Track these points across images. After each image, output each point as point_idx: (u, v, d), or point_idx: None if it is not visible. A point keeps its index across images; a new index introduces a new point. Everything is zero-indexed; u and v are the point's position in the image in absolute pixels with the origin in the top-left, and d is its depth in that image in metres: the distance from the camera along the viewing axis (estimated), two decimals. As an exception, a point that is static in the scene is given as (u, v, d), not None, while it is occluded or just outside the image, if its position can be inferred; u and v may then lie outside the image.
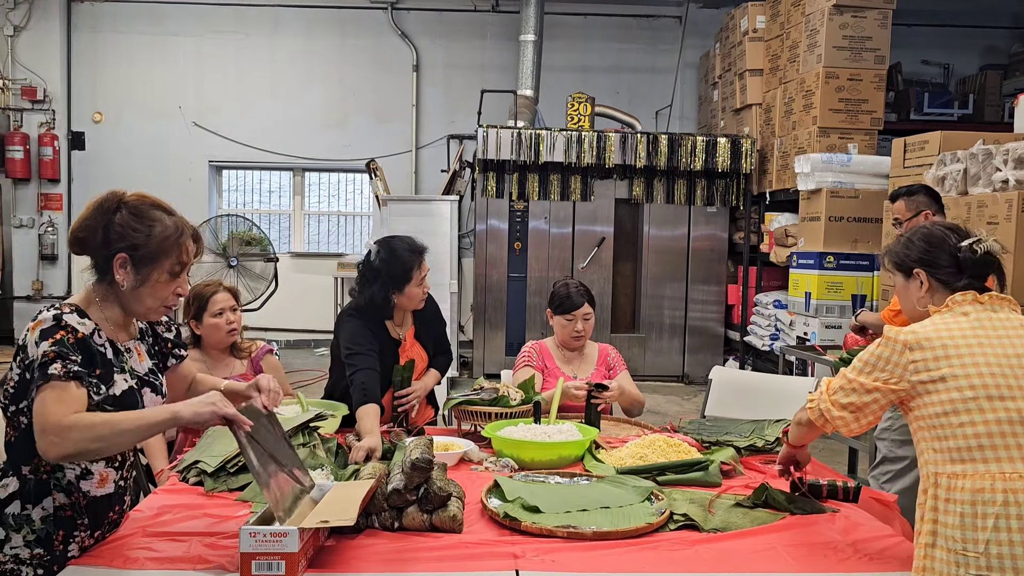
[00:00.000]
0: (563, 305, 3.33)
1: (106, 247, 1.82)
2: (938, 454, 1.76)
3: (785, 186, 7.18)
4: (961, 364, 1.76)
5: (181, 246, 1.86)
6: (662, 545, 1.94)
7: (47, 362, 1.71)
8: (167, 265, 1.85)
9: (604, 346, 3.50)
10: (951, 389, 1.75)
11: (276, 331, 9.22)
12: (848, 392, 1.88)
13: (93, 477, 1.87)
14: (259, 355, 3.19)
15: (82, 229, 1.83)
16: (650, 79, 9.47)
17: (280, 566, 1.66)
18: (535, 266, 7.86)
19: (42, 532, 1.80)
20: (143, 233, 1.81)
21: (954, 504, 1.70)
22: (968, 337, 1.80)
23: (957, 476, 1.71)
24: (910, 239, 2.02)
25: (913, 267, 1.98)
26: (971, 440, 1.71)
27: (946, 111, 8.09)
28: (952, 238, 1.95)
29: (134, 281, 1.84)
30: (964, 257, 1.92)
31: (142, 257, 1.82)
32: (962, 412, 1.73)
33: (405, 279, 3.02)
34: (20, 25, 9.16)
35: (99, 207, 1.83)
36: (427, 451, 2.06)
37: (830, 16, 6.45)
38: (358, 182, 10.03)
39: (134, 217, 1.82)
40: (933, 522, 1.73)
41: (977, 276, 1.92)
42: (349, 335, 3.01)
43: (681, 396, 7.46)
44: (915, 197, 3.69)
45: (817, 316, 6.23)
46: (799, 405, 3.32)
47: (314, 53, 9.49)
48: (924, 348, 1.80)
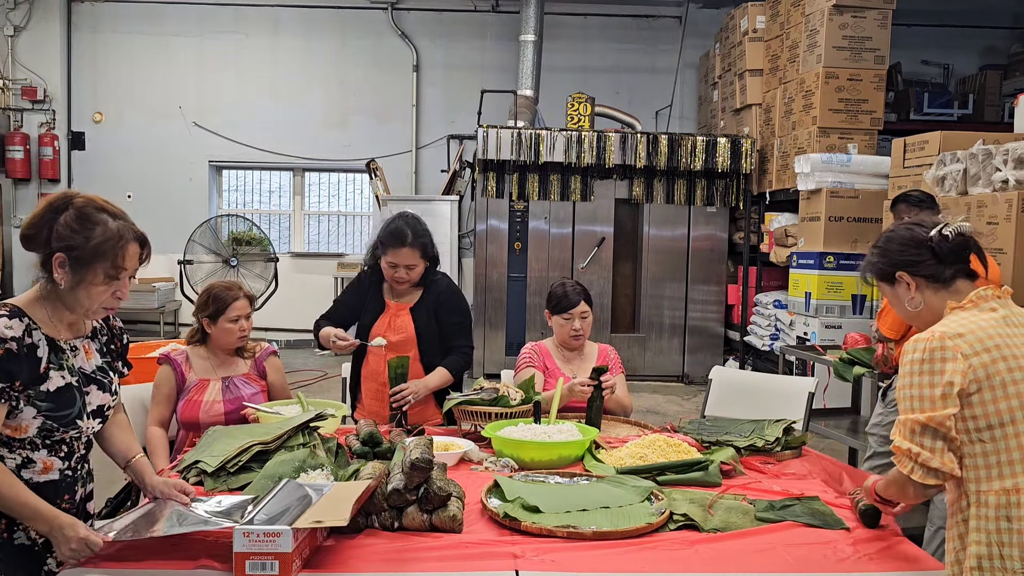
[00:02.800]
0: (560, 305, 3.33)
1: (47, 246, 1.85)
2: (984, 469, 1.63)
3: (785, 186, 7.18)
4: (1019, 366, 1.64)
5: (119, 251, 1.88)
6: (662, 545, 1.94)
7: None
8: (102, 268, 1.87)
9: (604, 346, 3.51)
10: (1010, 396, 1.62)
11: (276, 331, 9.22)
12: (935, 433, 1.66)
13: (36, 465, 1.91)
14: (263, 356, 3.20)
15: (30, 227, 1.87)
16: (650, 79, 9.47)
17: (274, 566, 1.66)
18: (535, 266, 7.86)
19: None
20: (81, 235, 1.84)
21: (1006, 521, 1.58)
22: (1008, 335, 1.69)
23: (1009, 492, 1.60)
24: (882, 247, 1.94)
25: (894, 272, 1.89)
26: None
27: (946, 111, 8.09)
28: (921, 232, 1.87)
29: (71, 281, 1.87)
30: (939, 246, 1.83)
31: (78, 259, 1.85)
32: (1020, 421, 1.61)
33: (381, 251, 3.21)
34: (20, 25, 9.17)
35: (49, 206, 1.87)
36: (427, 451, 2.06)
37: (830, 16, 6.46)
38: (358, 182, 10.04)
39: (77, 219, 1.85)
40: (987, 544, 1.61)
41: (961, 260, 1.83)
42: (347, 285, 3.43)
43: (681, 396, 7.46)
44: (897, 207, 3.87)
45: (817, 316, 6.23)
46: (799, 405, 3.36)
47: (314, 53, 9.49)
48: (979, 352, 1.66)
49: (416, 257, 3.17)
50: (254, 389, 3.09)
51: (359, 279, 3.39)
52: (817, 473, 2.54)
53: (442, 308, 3.29)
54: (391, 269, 3.19)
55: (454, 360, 3.25)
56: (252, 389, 3.08)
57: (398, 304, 3.29)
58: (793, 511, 2.14)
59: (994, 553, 1.60)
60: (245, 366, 3.15)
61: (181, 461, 2.45)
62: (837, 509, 2.16)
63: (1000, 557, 1.59)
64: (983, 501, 1.63)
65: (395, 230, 3.16)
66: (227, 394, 3.01)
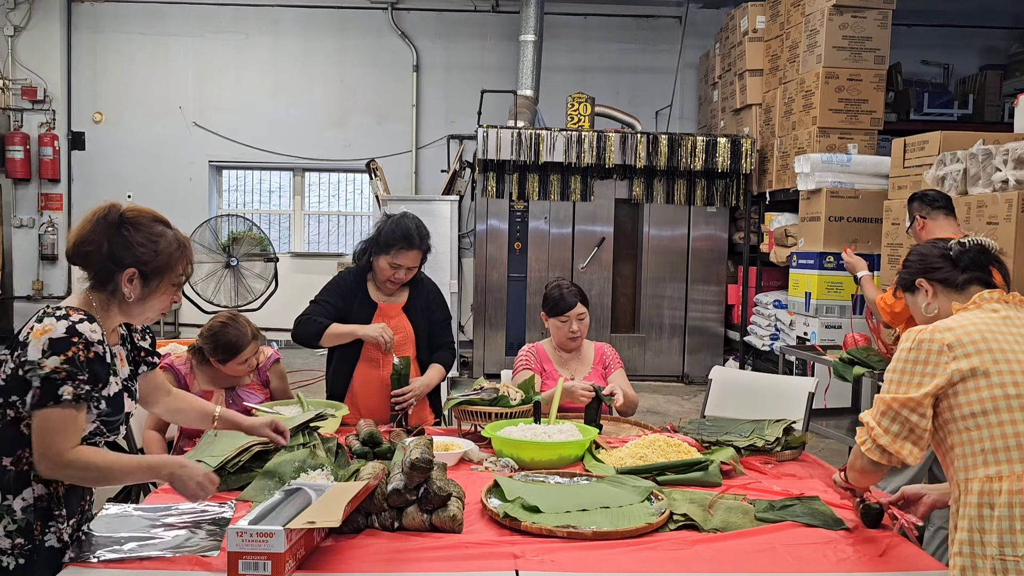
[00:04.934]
0: (556, 307, 3.31)
1: (112, 261, 1.87)
2: (969, 458, 1.68)
3: (785, 186, 7.18)
4: (1005, 359, 1.70)
5: (183, 260, 1.96)
6: (662, 545, 1.94)
7: (56, 381, 1.76)
8: (169, 278, 1.94)
9: (600, 345, 3.50)
10: (993, 385, 1.68)
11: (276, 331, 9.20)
12: (895, 415, 1.76)
13: None
14: (266, 365, 3.19)
15: (84, 243, 1.87)
16: (650, 79, 9.47)
17: (267, 566, 1.66)
18: (535, 266, 7.86)
19: (23, 522, 1.83)
20: (150, 249, 1.89)
21: (988, 508, 1.63)
22: (1004, 332, 1.74)
23: (992, 479, 1.64)
24: (906, 260, 2.08)
25: (915, 279, 2.01)
26: (1011, 439, 1.65)
27: (946, 111, 8.09)
28: (940, 243, 2.00)
29: (140, 294, 1.91)
30: (956, 253, 1.93)
31: (149, 272, 1.90)
32: (1003, 410, 1.67)
33: (383, 250, 3.15)
34: (20, 25, 9.16)
35: (99, 221, 1.88)
36: (427, 451, 2.06)
37: (830, 16, 6.45)
38: (358, 182, 10.04)
39: (140, 233, 1.89)
40: (967, 530, 1.66)
41: (978, 268, 1.90)
42: (325, 285, 3.31)
43: (681, 396, 7.46)
44: (912, 205, 3.85)
45: (817, 316, 6.23)
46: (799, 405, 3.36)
47: (314, 53, 9.49)
48: (964, 343, 1.72)
49: (419, 259, 3.18)
50: (259, 398, 3.09)
51: (342, 278, 3.32)
52: (817, 474, 2.54)
53: (432, 305, 3.32)
54: (392, 269, 3.16)
55: (444, 356, 3.31)
56: (257, 398, 3.08)
57: (389, 304, 3.27)
58: (793, 511, 2.14)
59: (975, 539, 1.65)
60: (249, 376, 3.15)
61: (181, 461, 2.45)
62: (837, 509, 2.16)
63: (981, 544, 1.63)
64: (968, 489, 1.68)
65: (405, 231, 3.12)
66: (232, 406, 2.99)
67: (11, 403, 1.81)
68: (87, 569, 1.77)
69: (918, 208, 3.81)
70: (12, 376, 1.80)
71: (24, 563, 1.82)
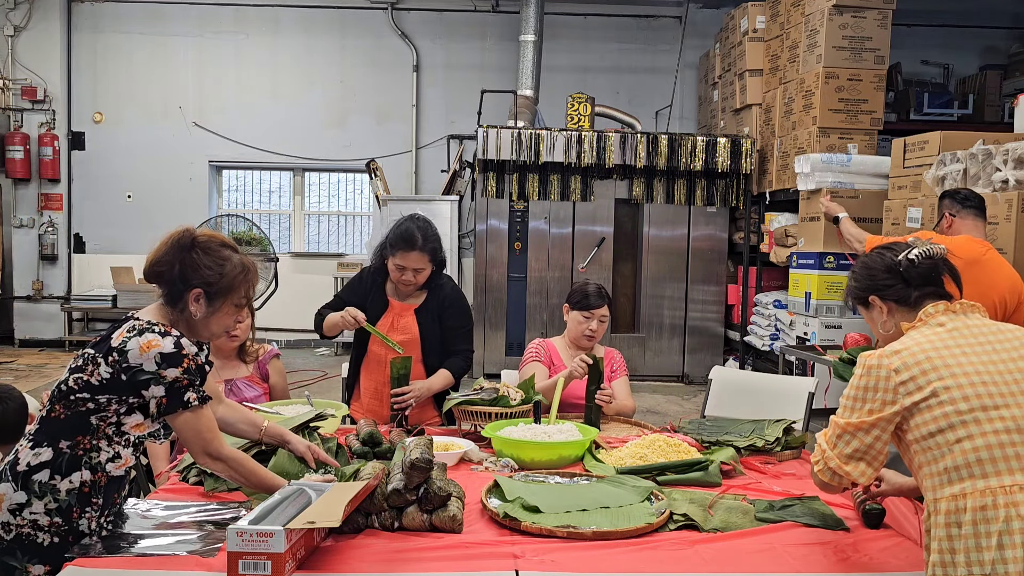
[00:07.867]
0: (582, 302, 3.35)
1: (183, 281, 2.02)
2: (935, 477, 1.65)
3: (785, 186, 7.18)
4: (952, 375, 1.67)
5: (247, 283, 2.10)
6: (662, 545, 1.94)
7: (181, 389, 1.95)
8: (233, 299, 2.08)
9: (610, 350, 3.52)
10: (944, 404, 1.65)
11: (276, 331, 9.23)
12: (849, 439, 1.76)
13: (120, 460, 2.03)
14: (266, 358, 3.20)
15: (159, 264, 2.04)
16: (650, 79, 9.47)
17: (266, 566, 1.66)
18: (535, 266, 7.86)
19: (64, 503, 1.94)
20: (216, 272, 2.03)
21: (956, 528, 1.60)
22: (951, 347, 1.72)
23: (957, 497, 1.61)
24: (857, 272, 2.01)
25: (866, 296, 1.96)
26: (970, 455, 1.61)
27: (946, 111, 8.09)
28: (888, 256, 1.93)
29: (205, 312, 2.05)
30: (906, 270, 1.87)
31: (214, 293, 2.04)
32: (958, 427, 1.63)
33: (389, 252, 3.19)
34: (20, 25, 9.16)
35: (174, 244, 2.04)
36: (427, 451, 2.06)
37: (830, 16, 6.45)
38: (358, 182, 10.04)
39: (209, 256, 2.04)
40: (938, 551, 1.62)
41: (930, 284, 1.87)
42: (347, 282, 3.46)
43: (681, 396, 7.46)
44: (942, 202, 3.80)
45: (817, 316, 6.23)
46: (799, 405, 3.36)
47: (314, 53, 9.49)
48: (910, 366, 1.70)
49: (425, 261, 3.18)
50: (256, 392, 3.09)
51: (360, 276, 3.38)
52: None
53: (446, 312, 3.29)
54: (398, 272, 3.17)
55: (456, 363, 3.27)
56: (255, 391, 3.08)
57: (403, 304, 3.29)
58: (793, 511, 2.14)
59: (946, 560, 1.61)
60: (247, 369, 3.15)
61: (181, 461, 2.45)
62: (837, 509, 2.16)
63: (952, 564, 1.60)
64: (937, 509, 1.65)
65: (405, 233, 3.13)
66: (229, 397, 3.00)
67: (96, 399, 1.94)
68: (87, 569, 1.77)
69: (948, 206, 3.73)
70: (112, 379, 1.93)
71: (58, 542, 1.92)
